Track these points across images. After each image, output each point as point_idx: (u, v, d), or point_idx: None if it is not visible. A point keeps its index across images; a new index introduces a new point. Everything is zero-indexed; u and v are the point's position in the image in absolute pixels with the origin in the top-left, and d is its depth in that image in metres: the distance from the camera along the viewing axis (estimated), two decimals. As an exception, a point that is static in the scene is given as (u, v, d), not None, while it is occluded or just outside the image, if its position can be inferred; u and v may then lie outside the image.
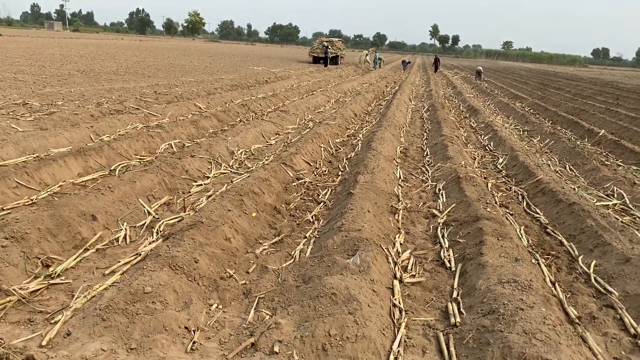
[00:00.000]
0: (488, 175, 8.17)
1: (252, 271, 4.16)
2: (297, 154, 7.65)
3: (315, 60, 41.63)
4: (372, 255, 3.99)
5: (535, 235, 5.55)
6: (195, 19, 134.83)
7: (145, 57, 32.86)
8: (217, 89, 15.93)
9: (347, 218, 4.79)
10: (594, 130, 12.59)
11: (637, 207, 6.69)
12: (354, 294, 3.35)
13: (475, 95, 22.05)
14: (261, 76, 22.45)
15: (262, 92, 16.33)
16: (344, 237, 4.34)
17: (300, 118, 12.15)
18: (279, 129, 10.56)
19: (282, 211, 5.62)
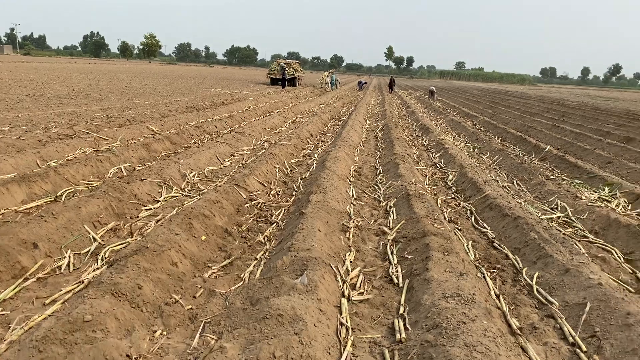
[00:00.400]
0: (438, 191, 8.35)
1: (199, 295, 4.10)
2: (251, 175, 7.64)
3: (273, 82, 41.90)
4: (320, 275, 4.01)
5: (482, 249, 5.69)
6: (151, 42, 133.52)
7: (98, 80, 32.28)
8: (172, 111, 15.78)
9: (298, 238, 4.80)
10: (541, 146, 13.08)
11: (579, 219, 6.96)
12: (300, 314, 3.35)
13: (428, 115, 22.59)
14: (218, 98, 22.39)
15: (218, 113, 16.27)
16: (293, 257, 4.34)
17: (256, 139, 12.16)
18: (234, 150, 10.52)
19: (234, 233, 5.58)
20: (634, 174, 10.44)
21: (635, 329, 3.45)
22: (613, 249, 5.85)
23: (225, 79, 47.43)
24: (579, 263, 4.69)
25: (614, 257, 5.59)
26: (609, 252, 5.78)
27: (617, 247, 5.95)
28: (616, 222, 6.44)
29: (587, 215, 7.00)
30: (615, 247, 5.95)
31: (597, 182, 9.25)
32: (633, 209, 7.68)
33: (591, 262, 4.87)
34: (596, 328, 3.66)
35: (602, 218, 6.74)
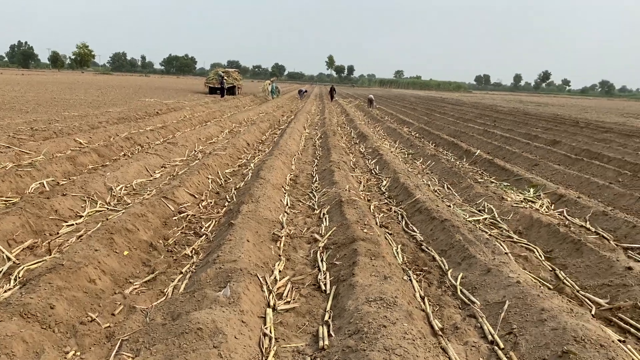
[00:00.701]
0: (372, 197, 8.46)
1: (118, 313, 3.93)
2: (180, 186, 7.45)
3: (211, 91, 41.29)
4: (244, 286, 3.94)
5: (411, 252, 5.79)
6: (83, 51, 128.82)
7: (25, 91, 30.74)
8: (102, 123, 15.22)
9: (224, 250, 4.71)
10: (472, 150, 13.54)
11: (505, 220, 7.23)
12: (221, 327, 3.27)
13: (367, 122, 22.95)
14: (152, 108, 21.80)
15: (151, 124, 15.84)
16: (217, 270, 4.25)
17: (189, 149, 11.91)
18: (165, 161, 10.26)
19: (159, 247, 5.40)
20: (558, 175, 10.98)
21: (548, 324, 3.59)
22: (535, 248, 6.09)
23: (162, 89, 46.36)
24: (500, 263, 4.85)
25: (535, 256, 5.83)
26: (531, 251, 6.03)
27: (539, 245, 6.21)
28: (538, 222, 6.72)
29: (511, 216, 7.28)
30: (537, 246, 6.21)
31: (523, 184, 9.65)
32: (555, 209, 8.05)
33: (512, 261, 5.05)
34: (513, 325, 3.78)
35: (525, 218, 7.03)
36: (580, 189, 9.75)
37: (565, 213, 7.72)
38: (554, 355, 3.29)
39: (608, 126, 24.54)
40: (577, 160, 12.68)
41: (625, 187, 9.74)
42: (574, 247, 5.77)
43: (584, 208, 7.73)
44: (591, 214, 7.45)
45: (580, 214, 7.58)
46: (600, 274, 5.05)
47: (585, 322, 3.56)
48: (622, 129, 23.33)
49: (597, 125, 25.03)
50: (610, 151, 14.74)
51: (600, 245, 5.75)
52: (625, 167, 12.00)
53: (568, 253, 5.76)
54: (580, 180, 10.21)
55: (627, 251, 6.12)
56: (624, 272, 4.86)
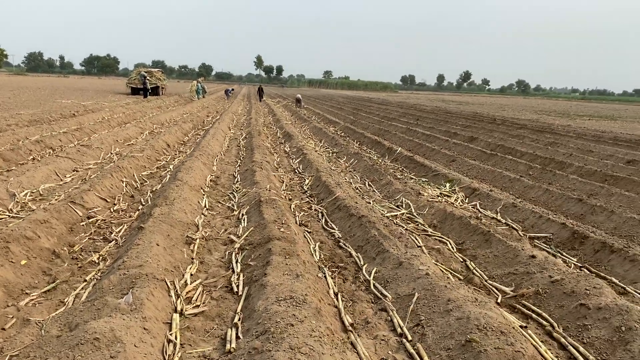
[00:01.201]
0: (294, 196, 8.44)
1: (9, 327, 3.64)
2: (91, 190, 7.08)
3: (134, 92, 39.83)
4: (148, 291, 3.77)
5: (329, 249, 5.80)
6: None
7: None
8: (11, 126, 14.27)
9: (131, 255, 4.50)
10: (393, 148, 13.84)
11: (421, 214, 7.42)
12: (119, 336, 3.11)
13: (293, 122, 22.95)
14: (68, 110, 20.69)
15: (65, 126, 15.02)
16: (121, 276, 4.05)
17: (105, 152, 11.39)
18: (78, 165, 9.74)
19: (62, 255, 5.09)
20: (473, 170, 11.45)
21: (454, 313, 3.69)
22: (448, 240, 6.29)
23: (81, 90, 44.23)
24: (412, 256, 4.96)
25: (448, 248, 6.02)
26: (444, 243, 6.22)
27: (452, 238, 6.42)
28: (451, 215, 6.95)
29: (427, 210, 7.48)
30: (451, 238, 6.42)
31: (441, 179, 9.97)
32: (469, 202, 8.36)
33: (423, 254, 5.17)
34: (422, 317, 3.86)
35: (440, 212, 7.25)
36: (494, 182, 10.21)
37: (478, 206, 8.05)
38: (458, 344, 3.38)
39: (522, 123, 25.96)
40: (492, 155, 13.29)
41: (535, 180, 10.29)
42: (484, 238, 6.01)
43: (495, 201, 8.09)
44: (502, 206, 7.81)
45: (492, 207, 7.92)
46: (507, 263, 5.28)
47: (488, 310, 3.69)
48: (535, 125, 24.74)
49: (513, 122, 26.41)
50: (523, 146, 15.57)
51: (509, 235, 6.02)
52: (535, 161, 12.71)
53: (478, 244, 5.99)
54: (494, 174, 10.70)
55: (533, 240, 6.46)
56: (528, 260, 5.10)
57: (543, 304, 4.35)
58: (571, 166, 11.64)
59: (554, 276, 4.59)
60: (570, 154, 13.71)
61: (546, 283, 4.56)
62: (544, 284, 4.56)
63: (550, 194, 8.77)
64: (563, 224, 6.56)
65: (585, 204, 7.87)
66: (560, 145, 15.98)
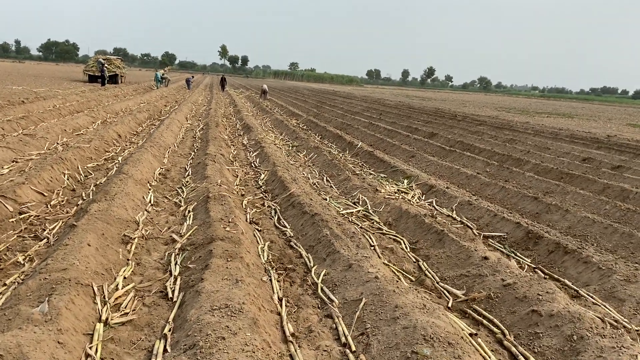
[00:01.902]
0: (247, 192, 8.11)
1: None
2: (26, 183, 6.58)
3: (91, 79, 38.51)
4: (68, 299, 3.41)
5: (278, 249, 5.52)
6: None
7: None
8: (-50, 112, 13.44)
9: (56, 256, 4.10)
10: (354, 142, 13.65)
11: (377, 212, 7.22)
12: (27, 352, 2.76)
13: (255, 114, 22.50)
14: (17, 96, 19.72)
15: (12, 114, 14.23)
16: (41, 281, 3.66)
17: (50, 142, 10.77)
18: (18, 155, 9.13)
19: (-18, 255, 4.65)
20: (432, 166, 11.35)
21: (400, 322, 3.47)
22: (402, 239, 6.11)
23: (35, 76, 42.49)
24: (362, 257, 4.73)
25: (401, 247, 5.83)
26: (399, 242, 6.03)
27: (406, 237, 6.24)
28: (406, 213, 6.77)
29: (383, 207, 7.29)
30: (405, 237, 6.23)
31: (399, 175, 9.81)
32: (426, 199, 8.22)
33: (374, 255, 4.95)
34: (367, 325, 3.63)
35: (395, 210, 7.06)
36: (451, 179, 10.12)
37: (435, 203, 7.92)
38: (403, 356, 3.16)
39: (482, 119, 26.20)
40: (451, 151, 13.24)
41: (491, 177, 10.26)
42: (437, 237, 5.84)
43: (451, 198, 7.97)
44: (457, 203, 7.69)
45: (448, 204, 7.80)
46: (460, 265, 5.11)
47: (436, 318, 3.49)
48: (495, 122, 25.00)
49: (473, 118, 26.62)
50: (482, 143, 15.63)
51: (462, 235, 5.86)
52: (493, 157, 12.72)
53: (432, 244, 5.82)
54: (452, 170, 10.61)
55: (487, 240, 6.35)
56: (480, 262, 4.95)
57: (495, 309, 4.19)
58: (528, 163, 11.68)
59: (507, 279, 4.44)
60: (527, 151, 13.80)
61: (498, 287, 4.40)
62: (496, 288, 4.40)
63: (506, 192, 8.72)
64: (518, 223, 6.47)
65: (541, 203, 7.83)
66: (519, 142, 16.11)
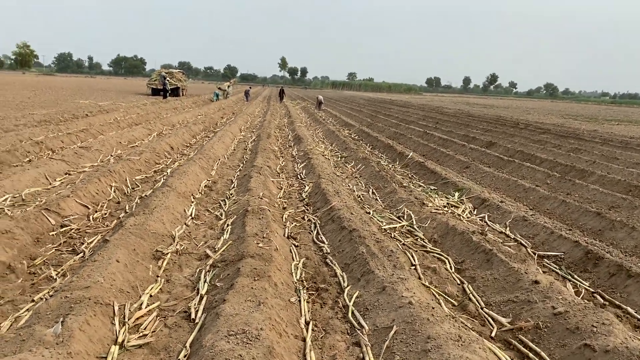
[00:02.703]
0: (289, 205, 7.95)
1: None
2: (71, 196, 6.71)
3: (154, 93, 39.95)
4: (83, 320, 3.32)
5: (313, 266, 5.30)
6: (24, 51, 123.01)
7: (-52, 92, 28.77)
8: (19, 126, 14.17)
9: (82, 273, 4.07)
10: (405, 153, 13.25)
11: (422, 227, 6.86)
12: (31, 378, 2.67)
13: (308, 125, 22.47)
14: (83, 110, 20.66)
15: (74, 127, 14.85)
16: (62, 299, 3.61)
17: (105, 154, 11.08)
18: (72, 168, 9.42)
19: (18, 269, 4.69)
20: (487, 177, 10.80)
21: (432, 355, 3.16)
22: (447, 258, 5.73)
23: (104, 90, 44.64)
24: (398, 279, 4.42)
25: (445, 267, 5.45)
26: (443, 262, 5.65)
27: (451, 255, 5.85)
28: (453, 230, 6.37)
29: (429, 223, 6.92)
30: (450, 255, 5.85)
31: (450, 187, 9.37)
32: (478, 214, 7.76)
33: (411, 277, 4.61)
34: (396, 356, 3.33)
35: (441, 225, 6.67)
36: (507, 192, 9.57)
37: (487, 218, 7.46)
38: (431, 394, 2.85)
39: (546, 127, 25.01)
40: (509, 162, 12.59)
41: (551, 190, 9.62)
42: (485, 257, 5.42)
43: (505, 213, 7.48)
44: (512, 219, 7.20)
45: (502, 220, 7.32)
46: (507, 289, 4.70)
47: (472, 352, 3.14)
48: (560, 130, 23.80)
49: (536, 126, 25.47)
50: (544, 152, 14.81)
51: (513, 255, 5.41)
52: (555, 168, 11.98)
53: (479, 264, 5.41)
54: (508, 183, 10.04)
55: (542, 260, 5.86)
56: (530, 286, 4.52)
57: (543, 340, 3.77)
58: (593, 175, 10.89)
59: (558, 307, 4.00)
60: (593, 162, 12.91)
61: (548, 315, 3.97)
62: (546, 316, 3.97)
63: (566, 206, 8.10)
64: (576, 242, 5.93)
65: (604, 219, 7.20)
66: (584, 152, 15.16)
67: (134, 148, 12.51)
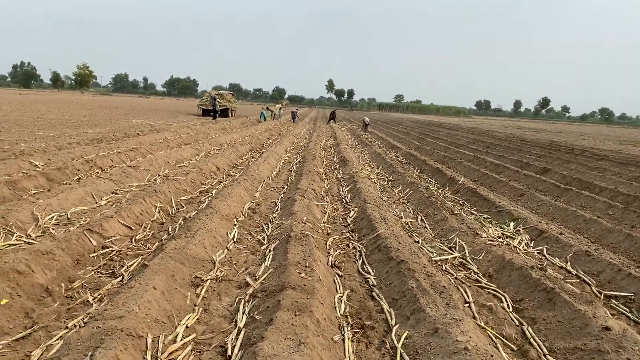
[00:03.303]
0: (333, 230, 7.66)
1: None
2: (114, 217, 6.66)
3: (204, 113, 40.94)
4: (112, 355, 3.12)
5: (358, 300, 4.97)
6: (84, 72, 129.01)
7: (11, 111, 30.21)
8: (72, 144, 14.55)
9: (117, 301, 3.90)
10: (456, 178, 12.76)
11: (475, 259, 6.42)
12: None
13: (353, 147, 22.22)
14: (134, 129, 21.19)
15: (125, 146, 15.15)
16: (94, 329, 3.44)
17: (152, 174, 11.15)
18: (119, 187, 9.48)
19: (55, 293, 4.58)
20: (543, 206, 10.20)
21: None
22: (504, 295, 5.29)
23: (156, 110, 45.99)
24: (452, 320, 4.03)
25: (502, 306, 5.01)
26: (500, 299, 5.22)
27: (508, 292, 5.40)
28: (510, 264, 5.92)
29: (483, 255, 6.48)
30: (507, 292, 5.40)
31: (505, 216, 8.87)
32: (535, 247, 7.26)
33: (466, 317, 4.22)
34: (451, 412, 2.96)
35: (497, 259, 6.22)
36: (566, 222, 8.96)
37: (545, 252, 6.94)
38: None
39: (604, 154, 23.85)
40: (566, 190, 11.90)
41: (615, 222, 8.95)
42: (546, 296, 4.95)
43: (565, 246, 6.94)
44: (573, 253, 6.66)
45: (562, 253, 6.79)
46: (574, 334, 4.23)
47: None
48: (618, 156, 22.61)
49: (593, 152, 24.34)
50: (603, 180, 13.99)
51: (577, 295, 4.92)
52: (617, 198, 11.23)
53: (539, 303, 4.94)
54: (567, 213, 9.42)
55: (610, 300, 5.33)
56: (600, 333, 4.04)
57: (620, 400, 3.32)
58: (661, 206, 10.11)
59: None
60: (660, 192, 12.05)
61: (625, 370, 3.51)
62: (622, 372, 3.51)
63: (633, 240, 7.46)
64: (650, 283, 5.37)
65: (680, 256, 6.56)
66: (648, 181, 14.22)
67: (181, 168, 12.56)
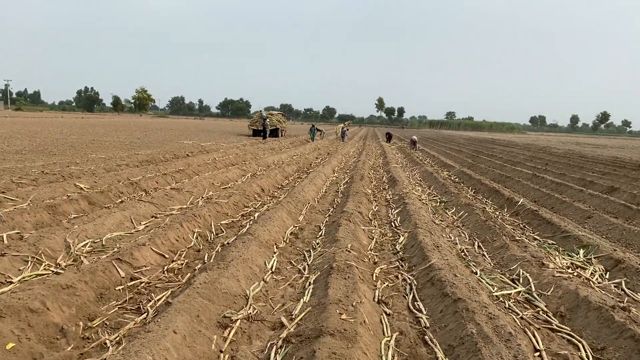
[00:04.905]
0: (381, 259, 7.03)
1: None
2: (147, 244, 6.30)
3: (255, 133, 41.13)
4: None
5: (408, 346, 4.32)
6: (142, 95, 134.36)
7: (70, 133, 31.30)
8: (121, 166, 14.60)
9: (130, 349, 3.44)
10: (514, 199, 11.85)
11: (543, 295, 5.63)
12: None
13: (403, 166, 21.45)
14: (184, 150, 21.29)
15: (172, 167, 15.08)
16: (98, 385, 2.97)
17: (195, 196, 10.86)
18: (160, 210, 9.20)
19: (70, 333, 4.18)
20: (615, 231, 9.19)
21: None
22: (581, 342, 4.50)
23: (208, 131, 46.72)
24: (522, 379, 3.34)
25: (580, 356, 4.24)
26: (576, 347, 4.44)
27: (586, 337, 4.61)
28: (585, 302, 5.11)
29: (552, 290, 5.68)
30: (584, 337, 4.62)
31: (572, 242, 7.97)
32: (611, 279, 6.37)
33: (540, 376, 3.51)
34: None
35: (569, 295, 5.41)
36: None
37: (624, 285, 6.04)
38: None
39: (677, 170, 22.02)
40: (639, 211, 10.77)
41: None
42: (635, 345, 4.15)
43: (649, 280, 6.03)
44: (660, 289, 5.75)
45: (645, 289, 5.88)
46: (677, 399, 3.43)
47: None
48: (695, 173, 20.79)
49: (665, 169, 22.53)
50: (682, 201, 12.66)
51: (675, 345, 4.09)
52: (701, 221, 10.03)
53: (628, 354, 4.14)
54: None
55: None
56: None
57: None
58: None
59: None
60: None
61: None
62: None
63: None
64: None
65: None
66: None
67: (226, 190, 12.26)
